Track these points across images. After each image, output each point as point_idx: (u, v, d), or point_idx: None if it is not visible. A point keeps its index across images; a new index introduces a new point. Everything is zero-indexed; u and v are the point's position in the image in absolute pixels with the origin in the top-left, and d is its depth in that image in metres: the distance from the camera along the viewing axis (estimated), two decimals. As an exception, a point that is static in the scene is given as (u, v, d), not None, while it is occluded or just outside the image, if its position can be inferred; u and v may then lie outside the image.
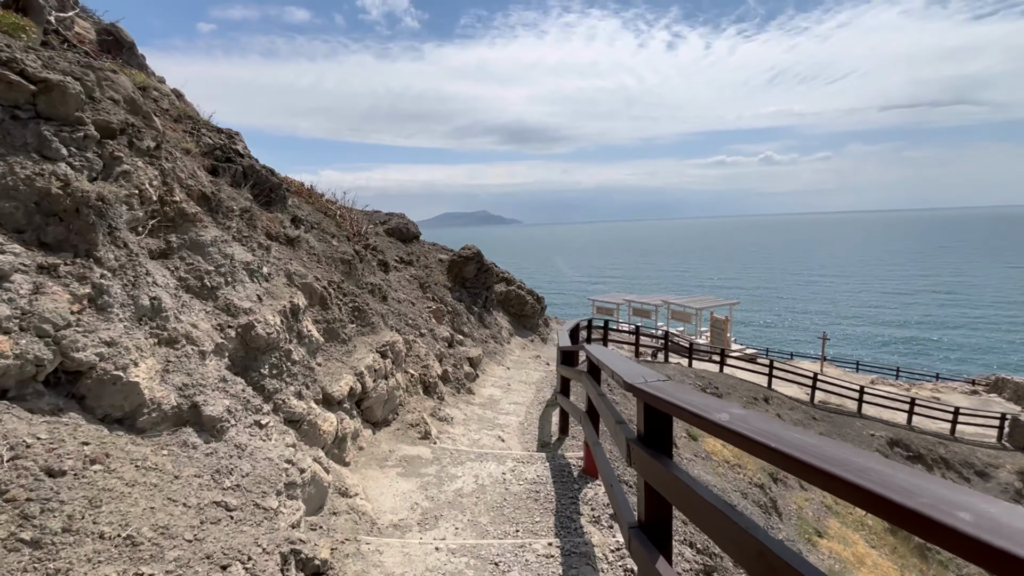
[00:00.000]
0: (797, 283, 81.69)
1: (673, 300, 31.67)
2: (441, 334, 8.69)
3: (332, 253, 7.05)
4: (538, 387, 9.52)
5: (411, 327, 7.86)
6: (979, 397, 24.15)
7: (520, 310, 14.93)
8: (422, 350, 6.94)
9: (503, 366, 10.91)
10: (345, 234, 9.64)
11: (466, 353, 9.07)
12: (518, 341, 14.02)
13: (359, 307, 5.33)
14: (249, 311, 3.57)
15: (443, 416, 5.99)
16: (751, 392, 17.44)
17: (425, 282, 11.43)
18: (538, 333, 15.50)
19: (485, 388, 8.76)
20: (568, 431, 6.05)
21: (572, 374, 4.82)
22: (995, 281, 74.27)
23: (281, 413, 3.47)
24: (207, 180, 4.94)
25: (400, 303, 8.74)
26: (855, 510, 12.37)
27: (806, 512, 11.13)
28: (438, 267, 13.26)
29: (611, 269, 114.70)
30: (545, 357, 12.95)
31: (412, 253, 12.86)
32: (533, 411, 7.75)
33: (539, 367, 11.54)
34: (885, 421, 18.37)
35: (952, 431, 18.24)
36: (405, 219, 14.09)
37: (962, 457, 17.00)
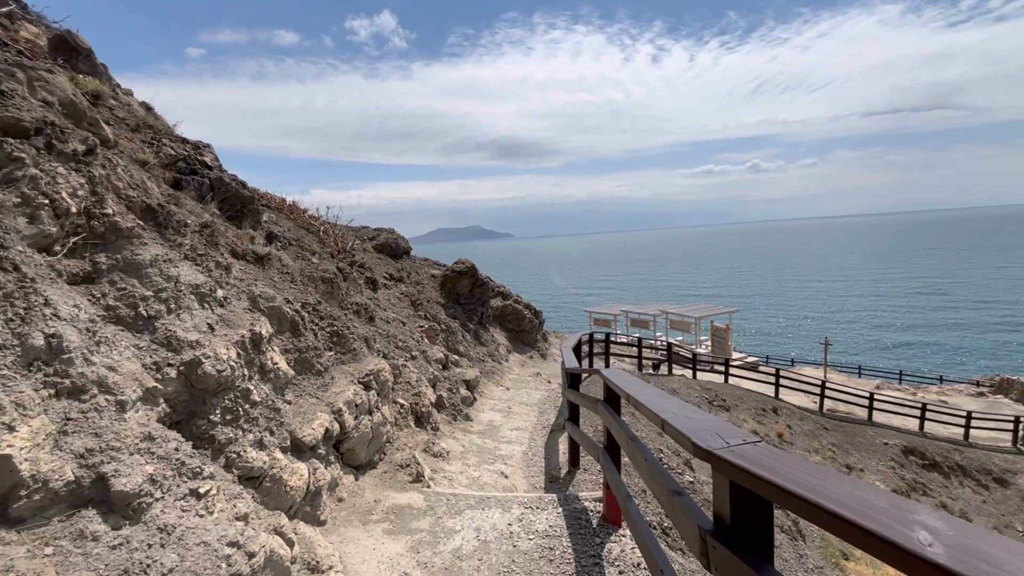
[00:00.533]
0: (790, 289, 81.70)
1: (671, 309, 31.14)
2: (435, 356, 8.02)
3: (312, 272, 6.42)
4: (540, 409, 8.85)
5: (401, 350, 7.20)
6: (986, 399, 23.69)
7: (518, 325, 14.29)
8: (413, 375, 6.28)
9: (502, 386, 10.23)
10: (329, 251, 9.01)
11: (462, 375, 8.40)
12: (516, 358, 13.35)
13: (339, 331, 4.68)
14: (196, 344, 2.91)
15: (438, 451, 5.31)
16: (759, 403, 16.81)
17: (417, 299, 10.78)
18: (537, 349, 14.84)
19: (484, 413, 8.08)
20: (579, 462, 5.38)
21: (585, 402, 4.18)
22: (984, 282, 74.65)
23: (235, 470, 2.80)
24: (160, 192, 4.31)
25: (389, 323, 8.08)
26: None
27: (830, 535, 10.44)
28: (430, 283, 12.63)
29: (605, 280, 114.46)
30: (546, 374, 12.29)
31: (403, 269, 12.23)
32: (537, 438, 7.08)
33: (540, 385, 10.88)
34: (897, 428, 17.78)
35: (965, 436, 17.69)
36: (395, 234, 13.49)
37: (979, 463, 16.42)
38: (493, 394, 9.47)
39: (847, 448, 15.82)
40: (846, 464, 14.82)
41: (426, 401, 6.00)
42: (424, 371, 7.02)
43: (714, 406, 15.12)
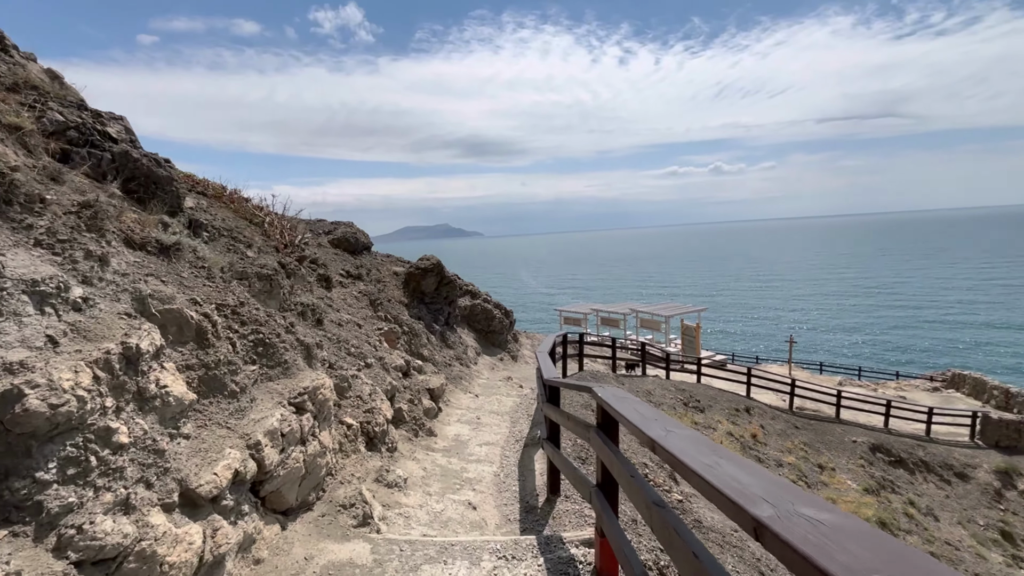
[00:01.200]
0: (752, 288, 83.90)
1: (641, 308, 30.97)
2: (394, 362, 7.12)
3: (244, 267, 5.43)
4: (512, 418, 8.08)
5: (354, 357, 6.27)
6: (941, 394, 24.42)
7: (487, 326, 13.48)
8: (366, 388, 5.38)
9: (470, 393, 9.40)
10: (273, 245, 7.97)
11: (426, 383, 7.53)
12: (486, 361, 12.54)
13: (266, 340, 3.76)
14: (17, 368, 1.99)
15: (393, 479, 4.45)
16: (731, 403, 16.59)
17: (377, 299, 9.82)
18: (507, 350, 14.07)
19: (450, 426, 7.23)
20: (559, 488, 4.63)
21: (570, 425, 3.42)
22: (928, 281, 78.68)
23: (72, 553, 1.89)
24: (19, 160, 3.30)
25: (342, 326, 7.13)
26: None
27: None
28: (393, 281, 11.66)
29: (574, 279, 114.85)
30: (517, 378, 11.54)
31: (362, 266, 11.22)
32: (510, 454, 6.30)
33: (511, 391, 10.11)
34: (863, 425, 17.94)
35: (927, 432, 18.00)
36: (354, 228, 12.44)
37: (940, 459, 16.69)
38: (460, 403, 8.63)
39: (818, 447, 15.77)
40: (818, 464, 14.72)
41: (381, 418, 5.12)
42: (380, 381, 6.12)
43: (689, 407, 14.76)
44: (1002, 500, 15.75)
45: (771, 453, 14.27)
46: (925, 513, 14.51)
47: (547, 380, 4.40)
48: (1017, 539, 14.66)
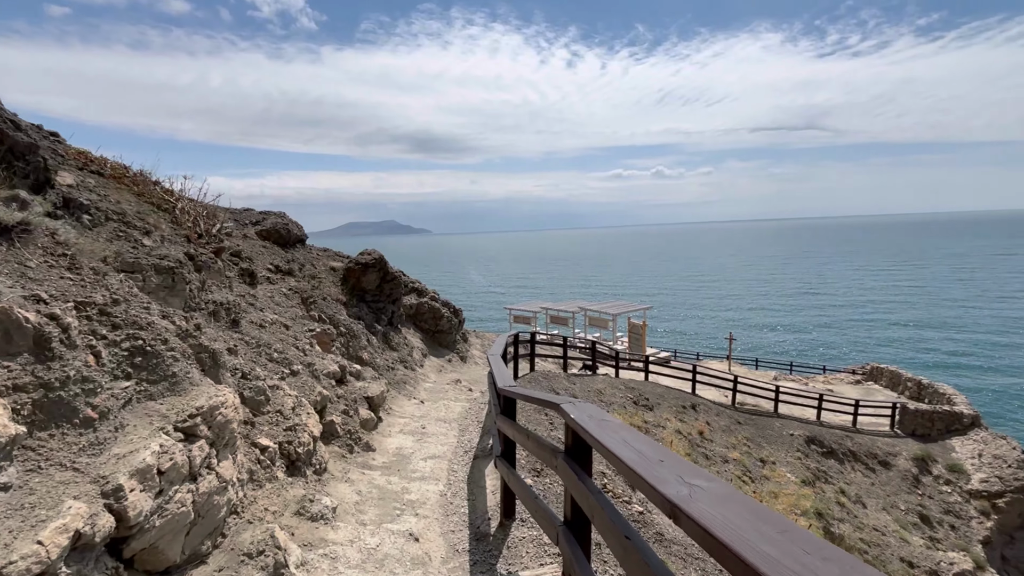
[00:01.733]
0: (691, 287, 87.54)
1: (589, 307, 31.16)
2: (326, 368, 6.31)
3: (136, 258, 4.48)
4: (461, 426, 7.46)
5: (276, 364, 5.43)
6: (863, 386, 26.14)
7: (435, 326, 12.75)
8: (289, 400, 4.59)
9: (415, 399, 8.68)
10: (184, 233, 6.91)
11: (364, 391, 6.76)
12: (433, 363, 11.82)
13: (147, 347, 2.95)
14: None
15: (318, 511, 3.73)
16: (678, 400, 16.80)
17: (309, 297, 8.88)
18: (456, 351, 13.40)
19: (391, 437, 6.51)
20: (514, 511, 4.09)
21: (531, 446, 2.88)
22: (847, 283, 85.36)
23: None
24: None
25: (264, 328, 6.23)
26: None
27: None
28: (330, 278, 10.69)
29: (523, 278, 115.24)
30: (467, 380, 10.91)
31: (294, 260, 10.18)
32: (458, 468, 5.69)
33: (460, 395, 9.48)
34: (799, 419, 18.74)
35: (854, 423, 19.07)
36: (286, 219, 11.32)
37: (866, 448, 17.71)
38: (404, 410, 7.90)
39: (759, 442, 16.24)
40: (760, 458, 15.13)
41: (306, 435, 4.36)
42: (308, 391, 5.32)
43: (639, 406, 14.74)
44: (919, 485, 16.89)
45: (717, 449, 14.50)
46: (855, 501, 15.26)
47: (501, 389, 3.84)
48: (933, 521, 15.73)
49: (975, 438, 18.60)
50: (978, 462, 17.53)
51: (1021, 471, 16.58)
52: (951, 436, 19.07)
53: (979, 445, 18.14)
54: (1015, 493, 16.26)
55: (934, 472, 17.26)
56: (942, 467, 17.36)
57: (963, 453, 18.08)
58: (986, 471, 17.10)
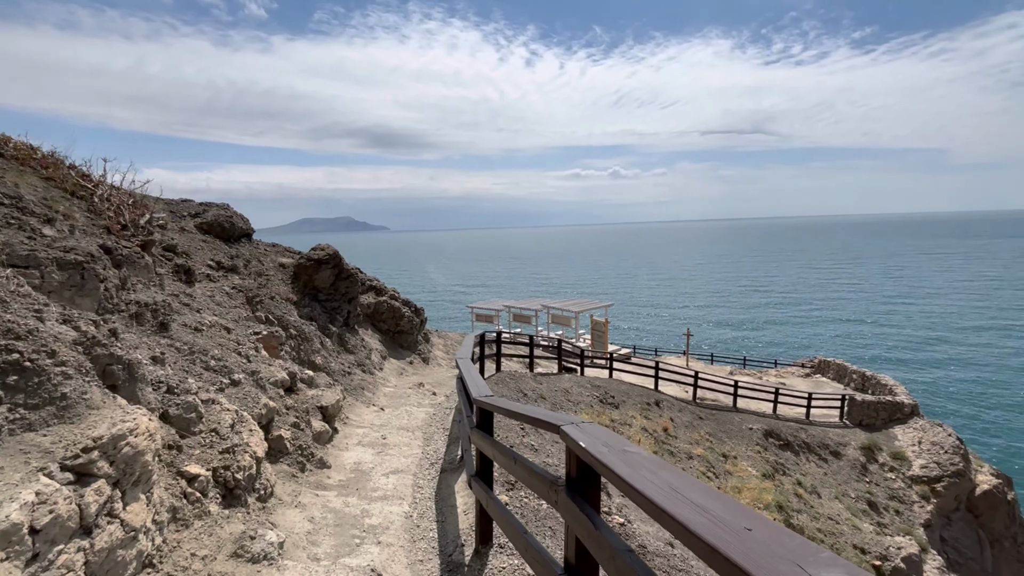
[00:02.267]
0: (647, 285, 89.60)
1: (552, 304, 31.05)
2: (273, 376, 5.62)
3: (31, 250, 3.71)
4: (426, 434, 6.92)
5: (214, 373, 4.73)
6: (812, 379, 27.25)
7: (395, 326, 12.08)
8: (227, 417, 3.94)
9: (375, 406, 8.05)
10: (104, 224, 6.03)
11: (317, 399, 6.10)
12: (393, 366, 11.16)
13: (24, 363, 2.28)
14: None
15: (261, 549, 3.14)
16: (642, 397, 16.82)
17: (256, 296, 8.06)
18: (418, 352, 12.76)
19: (348, 451, 5.90)
20: (491, 536, 3.63)
21: (523, 475, 2.42)
22: (794, 281, 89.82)
23: None
24: None
25: (201, 332, 5.48)
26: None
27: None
28: (279, 275, 9.84)
29: (483, 276, 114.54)
30: (430, 383, 10.34)
31: (238, 256, 9.29)
32: (425, 483, 5.16)
33: (423, 399, 8.92)
34: (756, 412, 19.23)
35: (807, 415, 19.77)
36: (229, 211, 10.35)
37: (819, 439, 18.37)
38: (363, 419, 7.27)
39: (721, 437, 16.49)
40: (722, 453, 15.32)
41: (247, 458, 3.73)
42: (252, 404, 4.66)
43: (605, 404, 14.60)
44: (867, 473, 17.63)
45: (681, 446, 14.56)
46: (810, 492, 15.71)
47: (477, 400, 3.36)
48: (880, 507, 16.42)
49: (915, 426, 19.66)
50: (918, 449, 18.49)
51: (956, 456, 17.61)
52: (893, 425, 20.10)
53: (919, 433, 19.16)
54: (951, 478, 17.23)
55: (880, 460, 18.06)
56: (887, 455, 18.20)
57: (905, 441, 19.06)
58: (925, 457, 18.05)
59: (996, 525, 17.43)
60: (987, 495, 17.29)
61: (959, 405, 32.05)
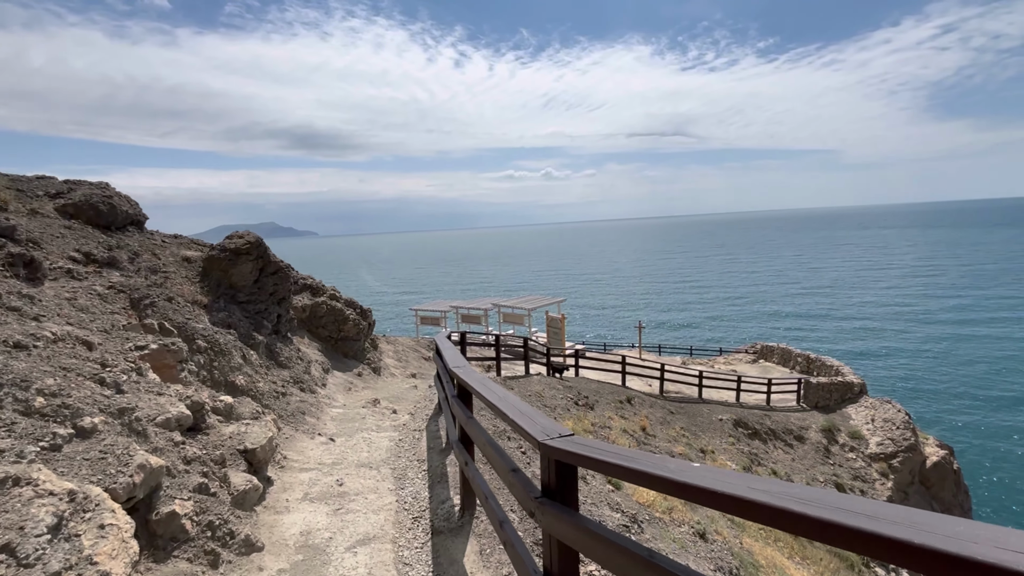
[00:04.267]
0: (586, 283, 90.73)
1: (503, 303, 29.61)
2: (163, 411, 3.62)
3: None
4: (396, 470, 5.13)
5: (38, 418, 2.72)
6: (759, 364, 27.76)
7: (337, 331, 10.00)
8: (44, 512, 2.03)
9: (321, 435, 6.09)
10: None
11: (238, 439, 4.14)
12: (339, 380, 9.11)
13: None
14: None
15: None
16: (614, 395, 15.74)
17: (145, 297, 5.84)
18: (366, 361, 10.73)
19: (290, 513, 4.00)
20: None
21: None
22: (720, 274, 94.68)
23: None
24: None
25: (25, 350, 3.38)
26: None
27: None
28: (182, 271, 7.54)
29: (421, 279, 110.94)
30: (386, 399, 8.43)
31: (120, 247, 6.92)
32: (414, 561, 3.43)
33: (383, 421, 7.05)
34: (721, 402, 18.84)
35: (767, 401, 19.70)
36: (108, 191, 7.85)
37: (783, 425, 18.26)
38: (307, 456, 5.33)
39: (695, 431, 15.76)
40: (700, 448, 14.53)
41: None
42: (113, 468, 2.71)
43: (580, 406, 13.32)
44: (830, 455, 17.65)
45: (661, 444, 13.56)
46: (784, 480, 15.29)
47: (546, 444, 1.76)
48: (846, 488, 16.34)
49: (865, 404, 20.13)
50: (872, 427, 18.85)
51: (907, 431, 18.06)
52: (846, 404, 20.50)
53: (870, 411, 19.60)
54: (905, 452, 17.60)
55: (840, 441, 18.19)
56: (845, 435, 18.37)
57: (859, 420, 19.42)
58: (880, 435, 18.38)
59: (945, 494, 18.10)
60: (937, 466, 17.89)
61: (895, 382, 34.12)
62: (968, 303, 52.29)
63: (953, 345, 39.71)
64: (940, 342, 40.88)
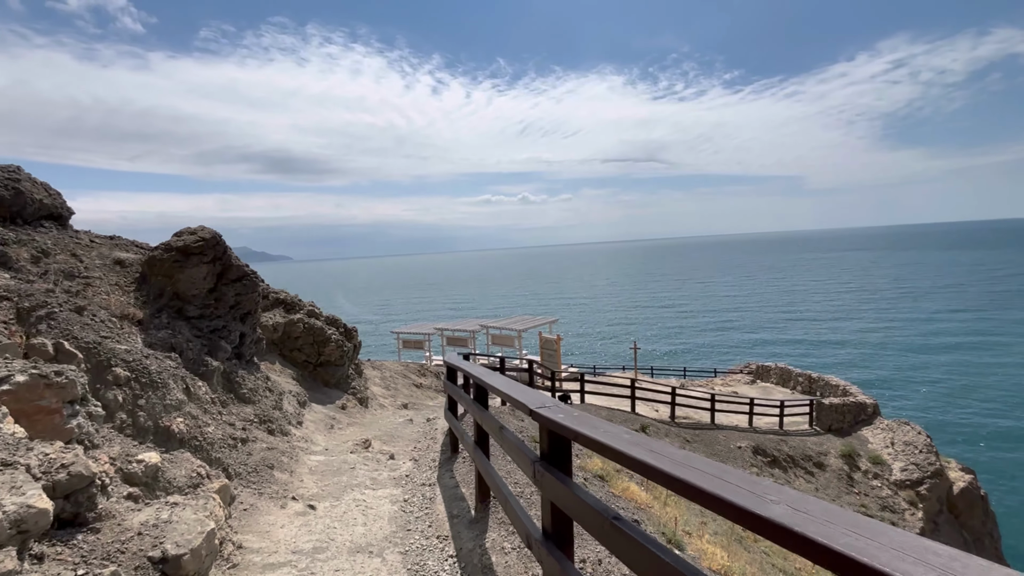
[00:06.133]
0: (567, 305, 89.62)
1: (491, 324, 27.90)
2: (7, 506, 1.91)
3: None
4: (410, 560, 3.44)
5: None
6: (759, 386, 26.61)
7: (317, 354, 8.21)
8: None
9: (295, 500, 4.33)
10: None
11: (154, 538, 2.44)
12: (319, 416, 7.30)
13: None
14: None
15: None
16: (628, 423, 14.19)
17: (39, 308, 4.08)
18: (352, 391, 8.92)
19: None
20: None
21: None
22: (698, 295, 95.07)
23: None
24: None
25: None
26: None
27: None
28: (111, 276, 5.75)
29: (399, 303, 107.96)
30: (378, 437, 6.67)
31: (19, 243, 5.13)
32: None
33: (379, 471, 5.31)
34: (735, 428, 17.44)
35: (780, 424, 18.40)
36: (17, 175, 6.07)
37: (800, 451, 16.93)
38: (273, 540, 3.58)
39: (714, 460, 14.30)
40: (726, 482, 13.04)
41: None
42: None
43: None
44: (854, 483, 16.31)
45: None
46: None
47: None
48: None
49: (882, 427, 18.99)
50: (893, 451, 17.65)
51: (931, 455, 16.92)
52: (860, 427, 19.31)
53: (888, 433, 18.45)
54: (931, 478, 16.39)
55: (862, 467, 16.91)
56: (866, 460, 17.11)
57: (877, 443, 18.21)
58: (902, 460, 17.17)
59: (974, 523, 16.92)
60: (964, 493, 16.73)
61: (902, 402, 33.35)
62: (955, 326, 52.92)
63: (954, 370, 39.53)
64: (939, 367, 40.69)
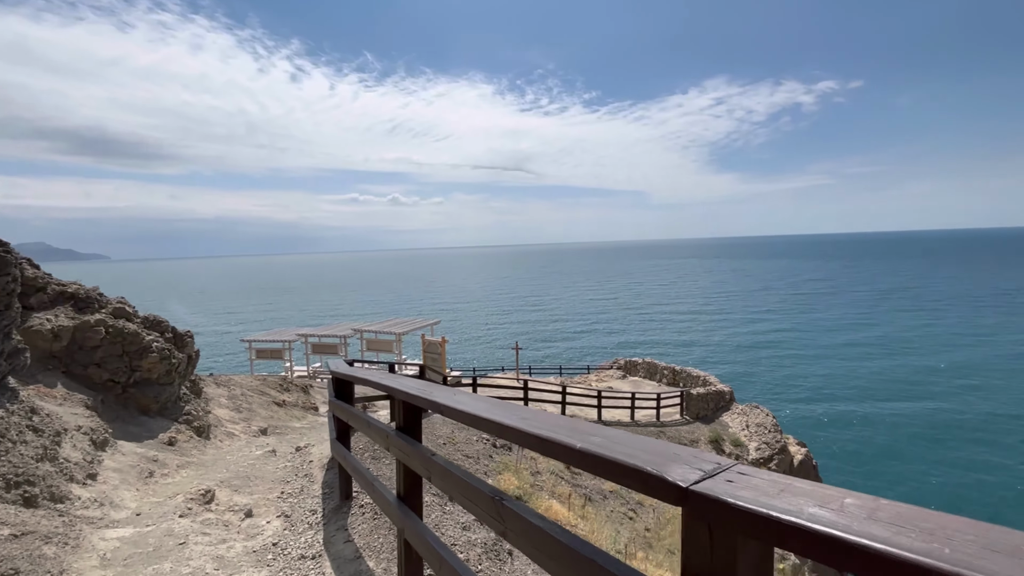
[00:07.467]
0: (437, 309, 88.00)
1: (367, 327, 25.28)
2: None
3: None
4: None
5: None
6: (631, 380, 28.13)
7: (127, 370, 5.73)
8: None
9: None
10: None
11: None
12: (128, 460, 4.95)
13: None
14: None
15: None
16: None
17: None
18: (186, 418, 6.48)
19: None
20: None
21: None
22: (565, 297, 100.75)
23: None
24: None
25: None
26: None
27: None
28: None
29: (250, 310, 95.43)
30: (227, 482, 4.62)
31: None
32: None
33: (229, 544, 3.44)
34: (616, 422, 17.80)
35: (657, 416, 19.32)
36: None
37: (677, 440, 17.87)
38: None
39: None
40: (622, 480, 12.89)
41: None
42: None
43: (498, 447, 10.54)
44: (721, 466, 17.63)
45: (587, 481, 11.46)
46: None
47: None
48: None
49: (737, 411, 21.03)
50: (748, 432, 19.55)
51: (777, 434, 19.06)
52: (721, 413, 21.17)
53: (743, 417, 20.46)
54: (779, 454, 18.42)
55: (727, 450, 18.34)
56: (730, 444, 18.64)
57: (735, 426, 20.07)
58: (756, 440, 19.07)
59: (809, 490, 19.52)
60: (802, 465, 19.14)
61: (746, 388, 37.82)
62: (768, 325, 63.00)
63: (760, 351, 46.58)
64: (752, 348, 47.71)
